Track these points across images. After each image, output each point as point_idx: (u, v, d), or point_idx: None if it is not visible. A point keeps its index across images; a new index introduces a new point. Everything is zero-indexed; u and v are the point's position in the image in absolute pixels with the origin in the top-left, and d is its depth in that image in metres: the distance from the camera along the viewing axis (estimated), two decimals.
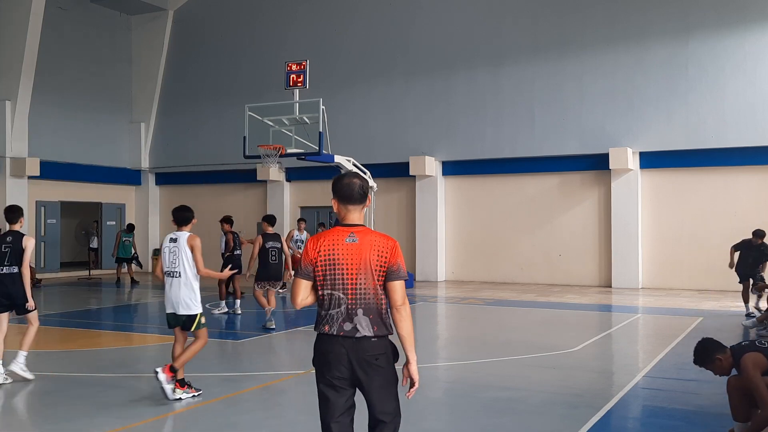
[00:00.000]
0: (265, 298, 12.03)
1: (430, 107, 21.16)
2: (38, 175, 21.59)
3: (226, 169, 23.88)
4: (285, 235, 18.79)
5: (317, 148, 15.30)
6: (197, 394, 7.10)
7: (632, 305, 15.35)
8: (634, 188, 18.78)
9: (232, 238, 13.98)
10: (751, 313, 12.43)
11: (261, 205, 23.76)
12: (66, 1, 23.44)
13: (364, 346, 3.80)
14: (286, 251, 12.57)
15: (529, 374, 8.39)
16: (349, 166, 16.49)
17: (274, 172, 23.00)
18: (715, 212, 18.09)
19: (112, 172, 24.99)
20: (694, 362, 5.72)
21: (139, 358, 9.70)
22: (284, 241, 12.29)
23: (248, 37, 23.99)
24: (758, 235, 12.49)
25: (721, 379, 5.78)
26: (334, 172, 18.17)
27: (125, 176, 25.52)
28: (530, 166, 20.20)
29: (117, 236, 21.12)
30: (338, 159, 16.21)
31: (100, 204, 24.97)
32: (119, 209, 25.61)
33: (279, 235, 12.26)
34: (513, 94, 20.15)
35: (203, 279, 7.32)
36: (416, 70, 21.36)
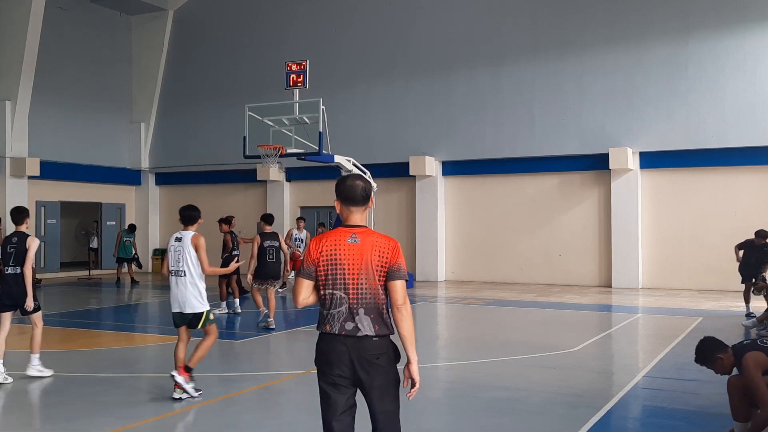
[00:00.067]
0: (265, 297, 12.04)
1: (430, 107, 21.16)
2: (38, 175, 21.58)
3: (226, 169, 23.88)
4: (284, 234, 18.79)
5: (317, 148, 15.30)
6: (197, 395, 7.11)
7: (632, 305, 15.35)
8: (634, 188, 18.78)
9: (230, 239, 13.98)
10: (752, 313, 12.43)
11: (261, 205, 23.75)
12: (66, 1, 23.44)
13: (366, 345, 3.82)
14: (284, 250, 12.56)
15: (529, 374, 8.39)
16: (349, 166, 16.48)
17: (274, 172, 23.01)
18: (715, 212, 18.09)
19: (112, 172, 25.00)
20: (696, 361, 5.72)
21: (139, 358, 9.71)
22: (282, 240, 12.29)
23: (248, 37, 23.99)
24: (761, 235, 12.44)
25: (721, 379, 5.78)
26: (334, 172, 18.19)
27: (125, 176, 25.53)
28: (530, 166, 20.20)
29: (118, 236, 21.12)
30: (338, 159, 16.20)
31: (100, 204, 24.98)
32: (119, 209, 25.61)
33: (277, 234, 12.26)
34: (513, 94, 20.15)
35: (207, 278, 7.33)
36: (416, 70, 21.36)
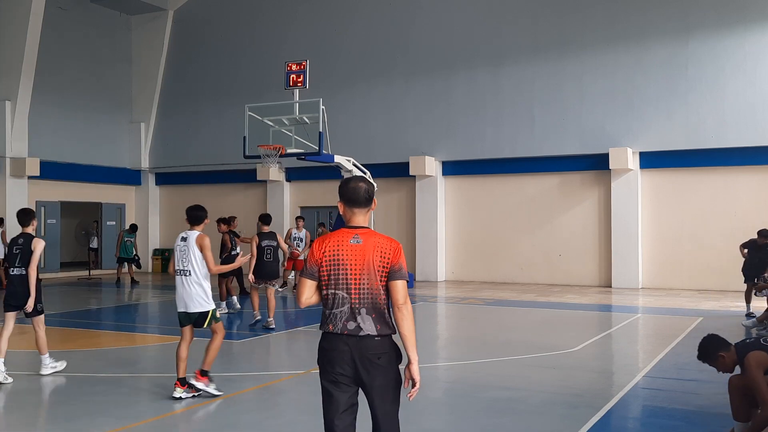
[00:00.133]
0: (264, 297, 12.04)
1: (430, 107, 21.15)
2: (38, 175, 21.59)
3: (226, 169, 23.88)
4: (284, 234, 18.80)
5: (317, 148, 15.28)
6: (197, 395, 7.11)
7: (632, 305, 15.35)
8: (634, 188, 18.78)
9: (229, 239, 13.99)
10: (752, 313, 12.43)
11: (261, 205, 23.75)
12: (66, 1, 23.44)
13: (367, 344, 3.85)
14: (284, 249, 12.56)
15: (529, 374, 8.39)
16: (349, 166, 16.48)
17: (274, 172, 23.01)
18: (715, 212, 18.09)
19: (112, 172, 25.00)
20: (698, 357, 5.73)
21: (139, 358, 9.71)
22: (280, 240, 12.28)
23: (248, 37, 23.99)
24: (764, 235, 12.39)
25: (721, 379, 5.78)
26: (334, 172, 18.19)
27: (125, 176, 25.53)
28: (530, 166, 20.20)
29: (119, 236, 21.10)
30: (338, 159, 16.19)
31: (100, 204, 24.98)
32: (119, 209, 25.61)
33: (275, 233, 12.26)
34: (513, 94, 20.15)
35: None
36: (416, 70, 21.36)
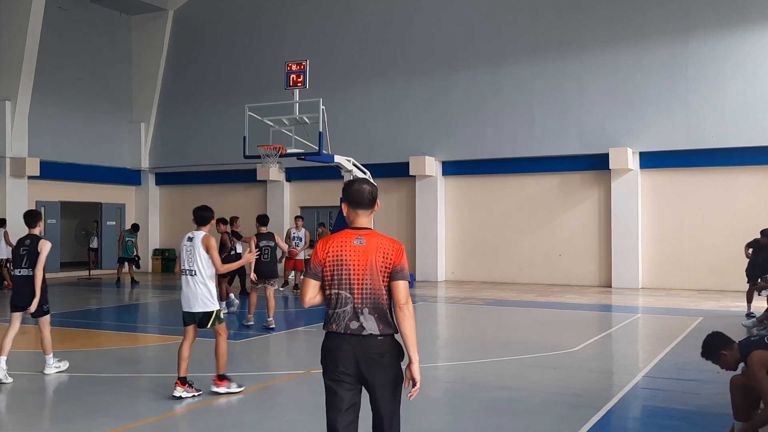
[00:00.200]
0: (263, 297, 12.05)
1: (430, 107, 21.15)
2: (38, 175, 21.58)
3: (226, 169, 23.88)
4: (284, 234, 18.81)
5: (317, 148, 15.29)
6: (197, 395, 7.11)
7: (632, 305, 15.35)
8: (634, 188, 18.77)
9: (228, 239, 13.99)
10: (752, 313, 12.42)
11: (261, 205, 23.75)
12: (66, 1, 23.44)
13: (370, 343, 3.89)
14: (283, 248, 12.55)
15: (529, 374, 8.39)
16: (349, 166, 16.49)
17: (274, 172, 23.01)
18: (715, 212, 18.09)
19: (112, 172, 25.00)
20: (702, 355, 5.75)
21: (139, 358, 9.71)
22: (279, 240, 12.28)
23: (248, 37, 23.99)
24: (767, 234, 12.42)
25: (721, 379, 5.79)
26: (334, 172, 18.20)
27: (125, 176, 25.53)
28: (530, 166, 20.20)
29: (121, 235, 21.09)
30: (338, 159, 16.20)
31: (100, 204, 24.98)
32: (119, 209, 25.61)
33: (273, 234, 12.27)
34: (513, 94, 20.14)
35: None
36: (416, 70, 21.36)
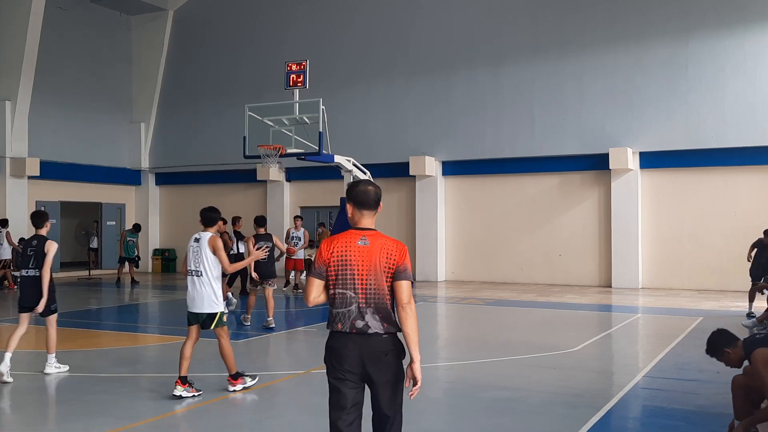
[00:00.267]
0: (263, 297, 12.06)
1: (430, 107, 21.15)
2: (38, 175, 21.59)
3: (226, 169, 23.88)
4: (284, 234, 18.81)
5: (317, 148, 15.27)
6: (198, 394, 7.11)
7: (632, 305, 15.35)
8: (634, 188, 18.77)
9: (228, 238, 13.99)
10: (752, 313, 12.42)
11: (261, 205, 23.75)
12: (66, 1, 23.44)
13: (375, 342, 3.93)
14: (281, 248, 12.57)
15: (529, 374, 8.39)
16: (349, 166, 16.48)
17: (274, 172, 23.00)
18: (715, 212, 18.09)
19: (112, 172, 25.00)
20: (706, 352, 5.78)
21: (140, 358, 9.71)
22: (277, 241, 12.28)
23: (248, 37, 23.99)
24: None
25: (721, 379, 5.79)
26: (334, 173, 18.19)
27: (125, 176, 25.53)
28: (530, 166, 20.19)
29: (122, 235, 21.08)
30: (338, 159, 16.18)
31: (100, 204, 24.98)
32: (119, 209, 25.61)
33: (270, 234, 12.28)
34: (513, 94, 20.14)
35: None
36: (416, 70, 21.36)
